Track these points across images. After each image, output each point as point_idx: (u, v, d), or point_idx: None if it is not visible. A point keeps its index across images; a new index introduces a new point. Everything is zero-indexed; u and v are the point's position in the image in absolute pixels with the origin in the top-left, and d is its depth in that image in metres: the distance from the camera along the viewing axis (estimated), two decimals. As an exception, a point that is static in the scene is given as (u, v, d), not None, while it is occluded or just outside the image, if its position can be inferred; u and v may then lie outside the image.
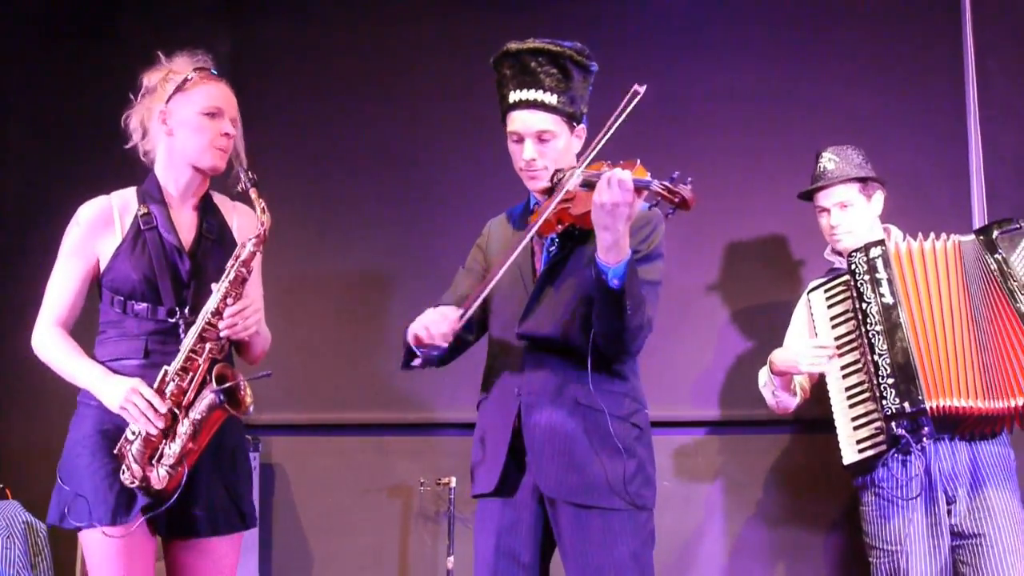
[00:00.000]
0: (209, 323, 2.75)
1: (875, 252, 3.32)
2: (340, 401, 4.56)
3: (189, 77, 2.88)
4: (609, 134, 2.65)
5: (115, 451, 2.69)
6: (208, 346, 2.74)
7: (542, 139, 2.77)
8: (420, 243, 4.58)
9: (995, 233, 3.30)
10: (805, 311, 3.58)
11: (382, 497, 4.54)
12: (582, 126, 2.82)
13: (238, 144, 2.94)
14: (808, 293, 3.54)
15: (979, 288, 3.27)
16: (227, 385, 2.71)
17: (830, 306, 3.44)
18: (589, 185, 2.60)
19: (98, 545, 2.70)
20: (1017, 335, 3.19)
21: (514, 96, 2.79)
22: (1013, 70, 4.26)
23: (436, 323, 2.66)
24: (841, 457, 3.34)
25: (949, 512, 3.26)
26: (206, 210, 2.96)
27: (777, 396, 3.61)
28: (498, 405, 2.81)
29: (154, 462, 2.67)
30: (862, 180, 3.53)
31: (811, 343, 3.44)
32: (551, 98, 2.75)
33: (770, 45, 4.47)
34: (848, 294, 3.38)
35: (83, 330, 2.91)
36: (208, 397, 2.70)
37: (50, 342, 2.82)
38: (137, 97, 2.97)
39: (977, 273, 3.29)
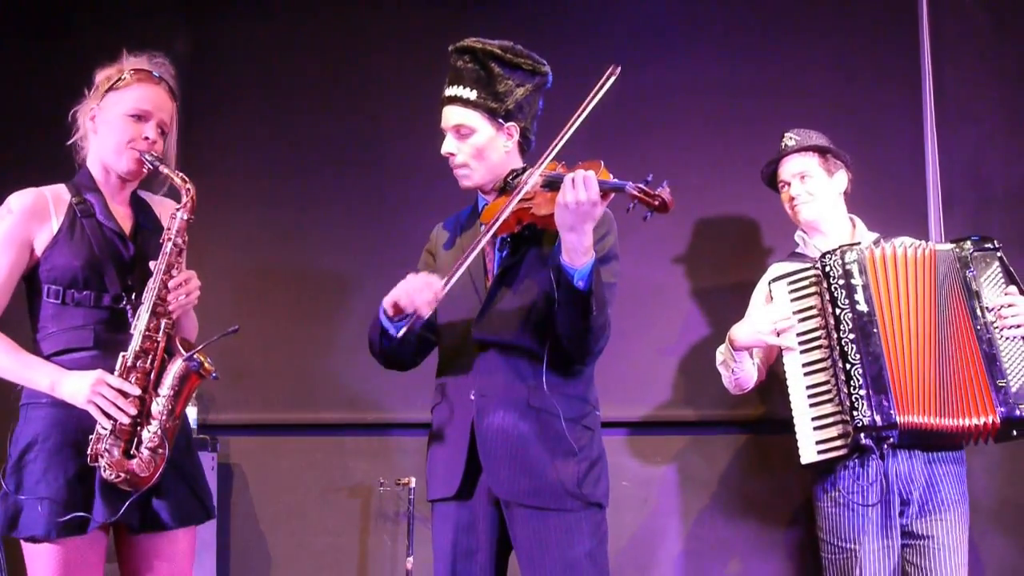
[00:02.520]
0: (159, 298, 2.70)
1: (850, 257, 3.31)
2: (299, 401, 4.54)
3: (124, 77, 2.83)
4: (580, 119, 2.64)
5: (88, 452, 2.61)
6: (162, 323, 2.70)
7: (461, 133, 2.81)
8: (379, 243, 4.57)
9: (971, 250, 3.28)
10: (764, 299, 3.58)
11: (341, 497, 4.52)
12: (513, 124, 2.83)
13: (169, 152, 2.89)
14: (770, 283, 3.52)
15: (946, 301, 3.27)
16: (200, 347, 2.70)
17: (794, 299, 3.42)
18: (551, 185, 2.61)
19: (48, 555, 2.61)
20: (972, 354, 3.20)
21: (444, 94, 2.85)
22: (967, 79, 4.32)
23: (419, 290, 2.62)
24: (799, 455, 3.34)
25: (901, 513, 3.28)
26: (138, 203, 2.92)
27: (736, 373, 3.56)
28: (452, 409, 2.81)
29: (133, 451, 2.62)
30: (821, 151, 3.55)
31: (770, 315, 3.42)
32: (470, 93, 2.79)
33: (733, 44, 4.50)
34: (814, 290, 3.38)
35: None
36: (176, 368, 2.68)
37: None
38: (89, 92, 2.93)
39: (948, 285, 3.28)
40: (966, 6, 4.32)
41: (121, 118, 2.80)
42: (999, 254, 3.29)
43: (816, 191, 3.53)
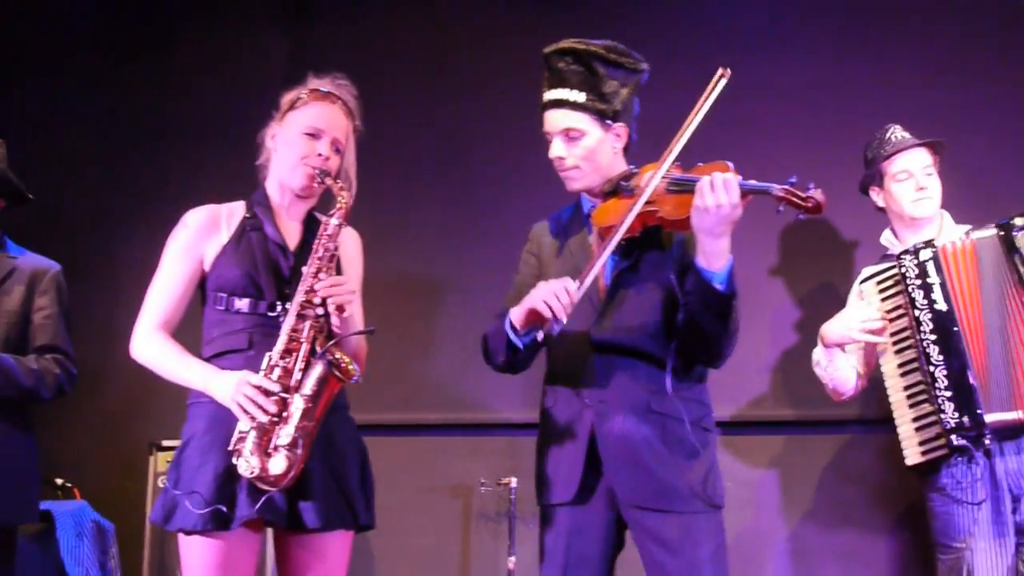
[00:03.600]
0: (306, 300, 2.74)
1: (925, 255, 3.25)
2: (401, 402, 4.58)
3: (301, 97, 2.92)
4: (696, 121, 2.60)
5: (229, 448, 2.65)
6: (307, 324, 2.73)
7: (570, 137, 2.76)
8: (478, 244, 4.61)
9: (1017, 228, 3.18)
10: (857, 300, 3.52)
11: (443, 497, 4.56)
12: (620, 125, 2.79)
13: (348, 169, 2.96)
14: (860, 283, 3.48)
15: (1000, 288, 3.19)
16: (330, 344, 2.70)
17: (883, 299, 3.37)
18: (678, 187, 2.58)
19: (198, 548, 2.69)
20: None
21: (545, 97, 2.80)
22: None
23: (557, 294, 2.55)
24: (904, 457, 3.28)
25: (1014, 510, 3.19)
26: (311, 222, 2.97)
27: (831, 373, 3.49)
28: (567, 413, 2.78)
29: (270, 450, 2.64)
30: (935, 149, 3.50)
31: (860, 313, 3.37)
32: (577, 96, 2.74)
33: (845, 40, 4.44)
34: (899, 289, 3.32)
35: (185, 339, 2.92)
36: (317, 369, 2.68)
37: (154, 345, 2.81)
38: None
39: (996, 272, 3.20)
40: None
41: (297, 136, 2.88)
42: None
43: (936, 189, 3.48)
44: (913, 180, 3.47)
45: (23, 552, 3.68)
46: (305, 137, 2.88)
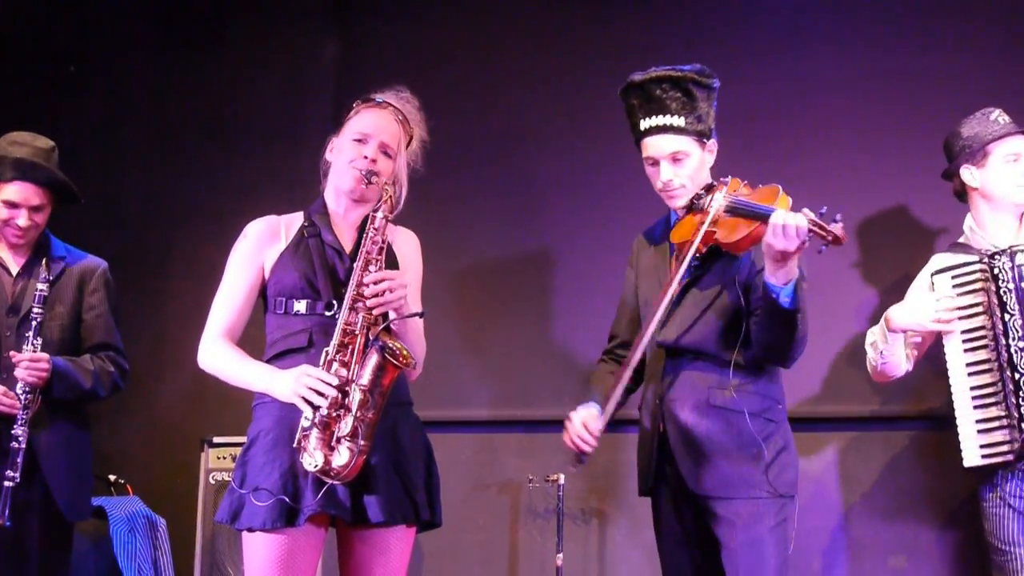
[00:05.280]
0: (357, 293, 2.79)
1: (1022, 259, 3.20)
2: (450, 398, 4.58)
3: (354, 107, 3.02)
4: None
5: (294, 445, 2.69)
6: (360, 316, 2.78)
7: (676, 159, 2.96)
8: (529, 242, 4.61)
9: None
10: (926, 292, 3.44)
11: (491, 494, 4.57)
12: (712, 140, 2.99)
13: (399, 173, 3.02)
14: (932, 275, 3.41)
15: None
16: (379, 330, 2.74)
17: (959, 294, 3.31)
18: (735, 212, 2.79)
19: (261, 545, 2.71)
20: None
21: (644, 124, 2.98)
22: None
23: (581, 433, 2.92)
24: (962, 457, 3.24)
25: None
26: (366, 226, 3.00)
27: (886, 356, 3.44)
28: (648, 410, 3.03)
29: (334, 443, 2.67)
30: None
31: (934, 303, 3.32)
32: (679, 121, 2.93)
33: (899, 30, 4.40)
34: (980, 287, 3.26)
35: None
36: (372, 359, 2.72)
37: (218, 352, 2.88)
38: None
39: None
40: None
41: (347, 142, 2.97)
42: None
43: None
44: (1021, 164, 3.40)
45: (76, 547, 3.72)
46: (354, 143, 2.96)
